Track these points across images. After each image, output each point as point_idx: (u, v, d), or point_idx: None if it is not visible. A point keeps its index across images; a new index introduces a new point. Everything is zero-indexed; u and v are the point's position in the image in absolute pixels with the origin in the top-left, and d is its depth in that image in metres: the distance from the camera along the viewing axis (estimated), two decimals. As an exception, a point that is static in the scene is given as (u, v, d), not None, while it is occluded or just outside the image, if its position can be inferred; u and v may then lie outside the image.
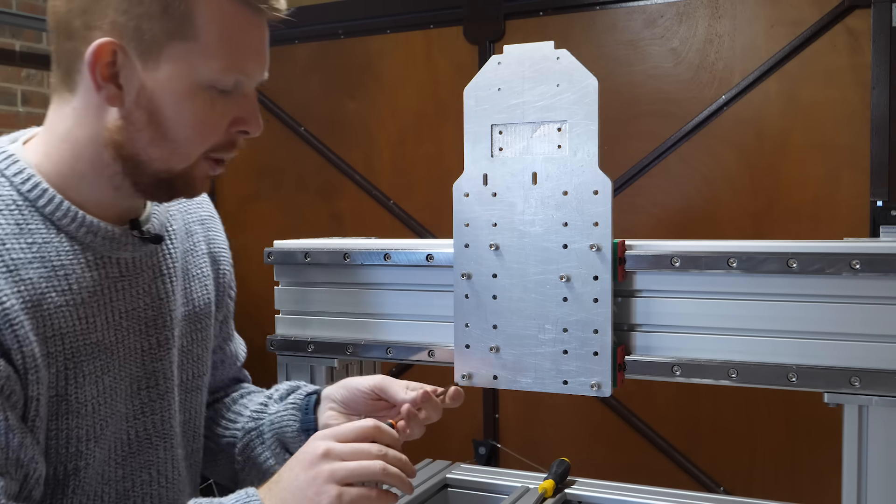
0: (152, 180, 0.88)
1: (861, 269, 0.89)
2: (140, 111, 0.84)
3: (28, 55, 3.39)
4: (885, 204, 2.50)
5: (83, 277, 0.87)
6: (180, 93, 0.83)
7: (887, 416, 0.89)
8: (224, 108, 0.86)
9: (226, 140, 0.89)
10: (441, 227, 3.09)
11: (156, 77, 0.82)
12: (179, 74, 0.82)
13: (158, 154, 0.86)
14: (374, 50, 3.22)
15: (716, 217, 2.74)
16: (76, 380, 0.86)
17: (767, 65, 2.64)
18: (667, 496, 1.59)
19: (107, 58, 0.81)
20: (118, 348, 0.92)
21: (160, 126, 0.84)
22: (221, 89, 0.85)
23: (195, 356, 1.05)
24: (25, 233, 0.84)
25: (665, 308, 0.99)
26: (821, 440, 2.60)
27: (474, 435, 3.09)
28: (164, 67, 0.82)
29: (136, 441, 0.95)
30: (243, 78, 0.86)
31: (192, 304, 1.04)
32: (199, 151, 0.87)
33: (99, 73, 0.81)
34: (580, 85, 0.99)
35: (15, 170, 0.86)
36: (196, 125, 0.85)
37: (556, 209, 1.01)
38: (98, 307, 0.89)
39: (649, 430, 2.85)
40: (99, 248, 0.89)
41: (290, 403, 1.07)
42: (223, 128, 0.87)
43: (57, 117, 0.88)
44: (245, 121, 0.88)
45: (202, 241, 1.08)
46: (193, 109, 0.84)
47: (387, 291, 1.14)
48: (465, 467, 1.79)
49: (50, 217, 0.86)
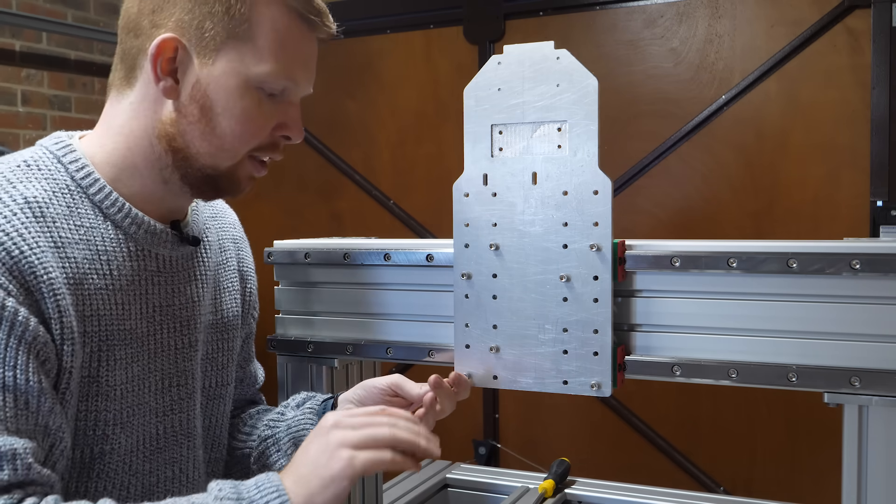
0: (200, 175, 0.93)
1: (861, 269, 0.88)
2: (193, 105, 0.89)
3: (28, 55, 3.39)
4: (885, 204, 2.50)
5: (123, 265, 0.92)
6: (232, 89, 0.89)
7: (887, 416, 0.89)
8: (270, 111, 0.92)
9: (269, 142, 0.94)
10: (441, 227, 3.09)
11: (211, 73, 0.89)
12: (233, 72, 0.89)
13: (207, 148, 0.91)
14: (374, 50, 3.22)
15: (716, 217, 2.74)
16: (108, 363, 0.90)
17: (767, 65, 2.64)
18: (667, 496, 1.59)
19: (168, 53, 0.87)
20: (150, 340, 0.95)
21: (210, 120, 0.90)
22: (269, 92, 0.91)
23: (220, 364, 1.08)
24: (75, 216, 0.89)
25: (665, 308, 0.99)
26: (821, 440, 2.60)
27: (474, 435, 3.09)
28: (219, 64, 0.89)
29: (163, 437, 0.98)
30: (291, 85, 0.93)
31: (220, 313, 1.08)
32: (244, 149, 0.93)
33: (160, 67, 0.88)
34: (580, 85, 0.99)
35: (71, 158, 0.92)
36: (243, 121, 0.90)
37: (556, 209, 1.01)
38: (134, 296, 0.93)
39: (649, 430, 2.85)
40: (141, 240, 0.94)
41: (307, 408, 1.09)
42: (268, 129, 0.93)
43: (114, 112, 0.94)
44: (288, 126, 0.94)
45: (233, 257, 1.13)
46: (242, 106, 0.90)
47: (387, 291, 1.14)
48: (465, 467, 1.79)
49: (99, 205, 0.91)
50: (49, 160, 0.92)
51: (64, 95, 3.55)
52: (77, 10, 3.61)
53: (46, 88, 3.47)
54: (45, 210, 0.87)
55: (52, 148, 0.93)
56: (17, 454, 0.74)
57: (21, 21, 3.26)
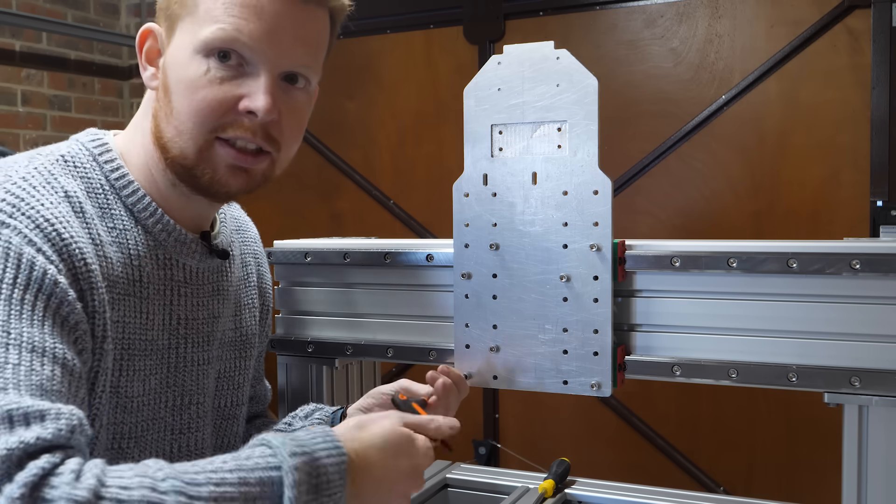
0: (179, 168, 0.88)
1: (861, 269, 0.88)
2: (161, 88, 0.88)
3: (28, 55, 3.39)
4: (885, 204, 2.50)
5: (152, 274, 0.89)
6: (181, 61, 0.86)
7: (887, 416, 0.89)
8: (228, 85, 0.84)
9: (232, 119, 0.85)
10: (441, 227, 3.09)
11: (170, 52, 0.87)
12: (182, 45, 0.86)
13: (171, 132, 0.86)
14: (374, 50, 3.22)
15: (716, 217, 2.74)
16: (128, 373, 0.87)
17: (767, 65, 2.64)
18: (667, 496, 1.59)
19: (148, 41, 0.88)
20: (171, 354, 0.92)
21: (170, 100, 0.86)
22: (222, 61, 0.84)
23: (236, 383, 1.05)
24: (107, 217, 0.87)
25: (665, 308, 0.99)
26: (821, 440, 2.59)
27: (474, 435, 3.09)
28: (175, 40, 0.87)
29: (177, 456, 0.94)
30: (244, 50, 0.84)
31: (241, 330, 1.04)
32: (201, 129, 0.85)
33: (145, 57, 0.89)
34: (580, 85, 0.99)
35: (107, 157, 0.90)
36: (191, 91, 0.84)
37: (556, 209, 1.01)
38: (159, 307, 0.90)
39: (649, 430, 2.85)
40: (170, 248, 0.91)
41: (315, 419, 1.07)
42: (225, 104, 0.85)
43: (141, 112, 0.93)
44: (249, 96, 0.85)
45: (254, 273, 1.10)
46: (187, 76, 0.85)
47: (387, 291, 1.14)
48: (465, 467, 1.79)
49: (132, 208, 0.89)
50: (85, 157, 0.89)
51: (64, 95, 3.55)
52: (77, 10, 3.60)
53: (46, 88, 3.47)
54: (84, 207, 0.84)
55: (88, 145, 0.90)
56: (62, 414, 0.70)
57: (21, 21, 3.26)
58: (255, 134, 0.86)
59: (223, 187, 0.89)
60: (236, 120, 0.85)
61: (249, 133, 0.86)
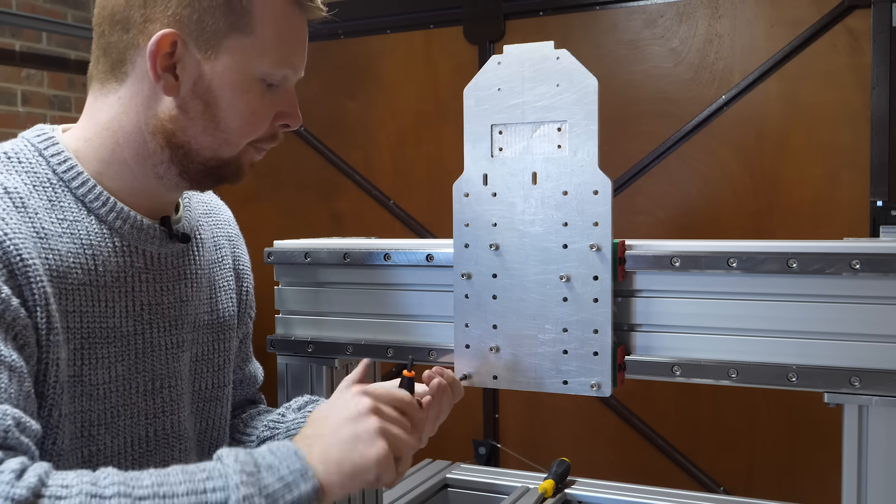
0: (201, 168, 0.92)
1: (861, 269, 0.88)
2: (196, 101, 0.88)
3: (28, 55, 3.39)
4: (885, 204, 2.50)
5: (109, 261, 0.89)
6: (237, 84, 0.88)
7: (887, 416, 0.89)
8: (271, 101, 0.92)
9: (269, 132, 0.94)
10: (441, 227, 3.09)
11: (214, 68, 0.87)
12: (236, 66, 0.87)
13: (209, 143, 0.90)
14: (374, 50, 3.22)
15: (716, 217, 2.74)
16: (90, 361, 0.87)
17: (767, 65, 2.64)
18: (667, 496, 1.59)
19: (167, 48, 0.85)
20: (137, 340, 0.93)
21: (214, 116, 0.88)
22: (270, 83, 0.91)
23: (216, 366, 1.06)
24: (57, 209, 0.87)
25: (665, 308, 0.99)
26: (821, 440, 2.60)
27: (474, 435, 3.09)
28: (222, 59, 0.87)
29: (153, 440, 0.96)
30: (290, 73, 0.92)
31: (217, 313, 1.05)
32: (247, 141, 0.92)
33: (159, 64, 0.85)
34: (580, 85, 0.99)
35: (53, 151, 0.89)
36: (248, 116, 0.90)
37: (556, 209, 1.01)
38: (119, 294, 0.90)
39: (649, 430, 2.85)
40: (127, 235, 0.91)
41: (308, 412, 1.08)
42: (269, 120, 0.93)
43: (98, 106, 0.91)
44: (287, 115, 0.94)
45: (228, 255, 1.10)
46: (247, 100, 0.89)
47: (387, 291, 1.14)
48: (465, 467, 1.79)
49: (82, 199, 0.89)
50: (30, 153, 0.89)
51: (64, 95, 3.55)
52: (77, 10, 3.60)
53: (46, 88, 3.47)
54: (26, 202, 0.84)
55: (33, 140, 0.90)
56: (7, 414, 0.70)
57: (21, 21, 3.26)
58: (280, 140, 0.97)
59: (237, 181, 0.95)
60: (273, 132, 0.95)
61: (277, 141, 0.97)
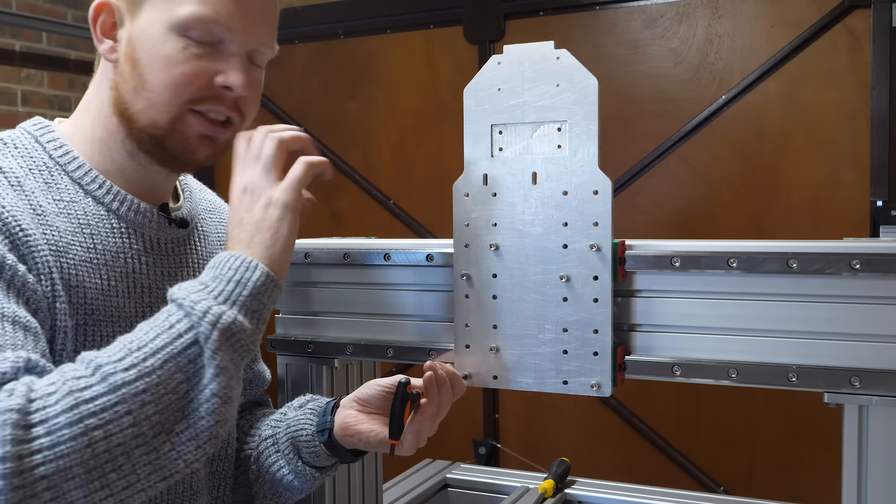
0: (146, 137, 0.90)
1: (861, 269, 0.88)
2: (126, 62, 0.89)
3: (28, 55, 3.39)
4: (885, 204, 2.50)
5: (108, 241, 0.90)
6: (154, 38, 0.87)
7: (887, 416, 0.89)
8: (205, 61, 0.89)
9: (209, 94, 0.90)
10: (441, 227, 3.09)
11: (137, 25, 0.88)
12: (154, 20, 0.87)
13: (142, 104, 0.89)
14: (374, 50, 3.22)
15: (716, 217, 2.74)
16: (94, 338, 0.87)
17: (767, 65, 2.64)
18: (667, 496, 1.59)
19: (102, 15, 0.89)
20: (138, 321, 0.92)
21: (140, 74, 0.88)
22: (197, 39, 0.88)
23: None
24: (53, 190, 0.88)
25: (665, 308, 0.99)
26: (821, 440, 2.60)
27: (474, 435, 3.09)
28: (143, 14, 0.88)
29: None
30: (223, 31, 0.89)
31: None
32: (177, 100, 0.89)
33: (99, 31, 0.89)
34: (580, 85, 0.99)
35: (49, 138, 0.92)
36: (167, 68, 0.87)
37: (556, 209, 1.01)
38: (121, 274, 0.91)
39: (649, 430, 2.85)
40: (124, 216, 0.92)
41: (308, 409, 1.08)
42: (202, 79, 0.89)
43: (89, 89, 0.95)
44: (225, 73, 0.90)
45: None
46: (164, 52, 0.87)
47: (387, 291, 1.14)
48: (465, 467, 1.79)
49: (79, 181, 0.90)
50: (26, 139, 0.91)
51: (64, 95, 3.55)
52: (77, 10, 3.61)
53: (46, 88, 3.47)
54: (22, 181, 0.86)
55: (30, 129, 0.93)
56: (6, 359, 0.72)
57: (21, 21, 3.26)
58: (227, 107, 0.91)
59: (191, 156, 0.92)
60: (212, 94, 0.90)
61: (223, 106, 0.91)
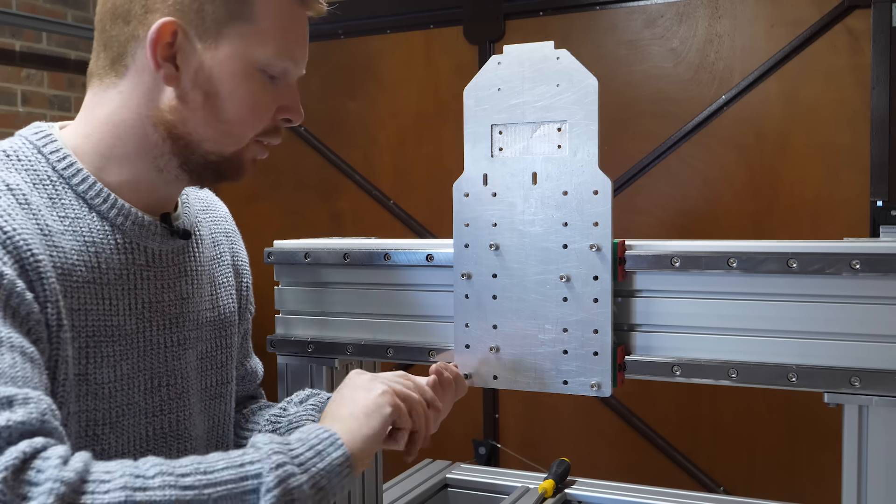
0: (202, 161, 0.91)
1: (861, 269, 0.89)
2: (196, 91, 0.87)
3: (28, 55, 3.39)
4: (885, 204, 2.50)
5: (111, 259, 0.89)
6: (237, 73, 0.87)
7: (887, 416, 0.89)
8: (273, 94, 0.91)
9: (272, 126, 0.93)
10: (441, 227, 3.09)
11: (214, 57, 0.87)
12: (236, 55, 0.87)
13: (211, 134, 0.89)
14: (374, 50, 3.22)
15: (716, 217, 2.74)
16: (95, 360, 0.87)
17: (767, 65, 2.64)
18: (667, 496, 1.59)
19: (167, 38, 0.84)
20: (139, 338, 0.92)
21: (215, 106, 0.88)
22: (271, 75, 0.90)
23: (219, 363, 1.06)
24: (58, 206, 0.87)
25: (665, 308, 0.99)
26: (821, 440, 2.60)
27: (474, 435, 3.09)
28: (222, 48, 0.87)
29: (153, 439, 0.95)
30: (291, 66, 0.92)
31: (218, 310, 1.05)
32: (250, 134, 0.91)
33: (159, 53, 0.85)
34: (580, 85, 0.99)
35: (52, 148, 0.89)
36: (249, 106, 0.89)
37: (556, 209, 1.01)
38: (122, 291, 0.90)
39: (649, 430, 2.85)
40: (128, 232, 0.91)
41: (309, 405, 1.07)
42: (271, 113, 0.92)
43: (97, 101, 0.91)
44: (290, 109, 0.93)
45: (227, 252, 1.10)
46: (248, 90, 0.88)
47: (387, 291, 1.14)
48: (465, 467, 1.79)
49: (83, 195, 0.88)
50: (29, 150, 0.89)
51: (64, 95, 3.55)
52: (77, 10, 3.61)
53: (46, 88, 3.47)
54: (29, 199, 0.84)
55: (31, 138, 0.90)
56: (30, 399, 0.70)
57: (21, 21, 3.26)
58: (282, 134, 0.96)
59: (240, 177, 0.95)
60: (274, 125, 0.94)
61: (281, 136, 0.96)
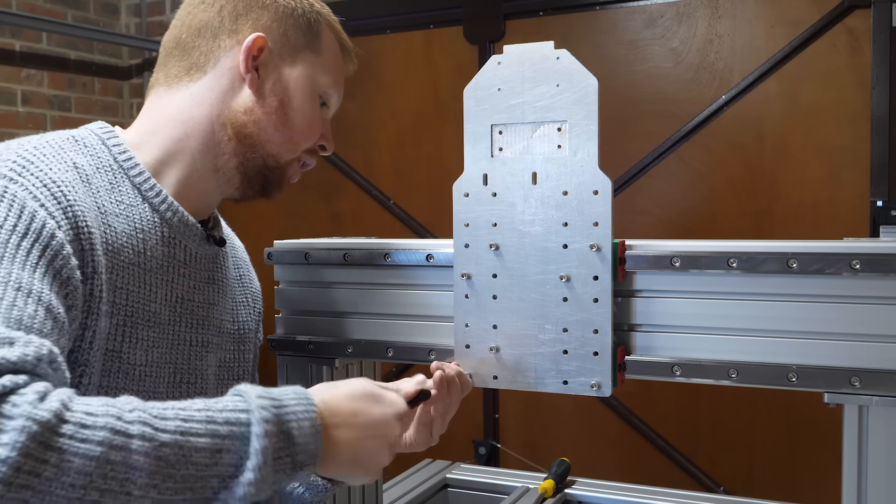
0: (260, 163, 1.00)
1: (861, 269, 0.88)
2: (273, 97, 1.00)
3: (28, 55, 3.39)
4: (885, 204, 2.50)
5: (156, 248, 0.95)
6: (306, 91, 1.02)
7: (887, 416, 0.89)
8: (321, 118, 1.04)
9: (313, 148, 1.05)
10: (441, 227, 3.09)
11: (290, 73, 1.01)
12: (307, 76, 1.02)
13: (277, 138, 1.00)
14: (374, 50, 3.22)
15: (716, 217, 2.74)
16: (131, 340, 0.91)
17: (767, 65, 2.64)
18: (667, 496, 1.59)
19: (255, 51, 0.99)
20: (170, 329, 0.96)
21: (286, 114, 1.00)
22: (323, 101, 1.04)
23: (237, 374, 1.09)
24: (116, 191, 0.93)
25: (665, 308, 0.99)
26: (821, 440, 2.60)
27: (474, 435, 3.09)
28: (298, 68, 1.01)
29: None
30: (336, 99, 1.07)
31: (238, 324, 1.09)
32: (305, 145, 1.03)
33: (251, 61, 0.99)
34: (580, 85, 0.99)
35: (114, 142, 0.97)
36: (310, 121, 1.02)
37: (556, 209, 1.01)
38: (162, 281, 0.95)
39: (649, 430, 2.85)
40: (174, 227, 0.97)
41: None
42: (318, 134, 1.04)
43: (165, 101, 1.01)
44: (326, 137, 1.06)
45: (245, 277, 1.15)
46: (311, 106, 1.02)
47: (387, 291, 1.14)
48: (465, 467, 1.79)
49: (139, 187, 0.95)
50: (94, 140, 0.96)
51: (64, 95, 3.55)
52: (77, 10, 3.61)
53: (46, 88, 3.47)
54: (91, 179, 0.91)
55: (97, 131, 0.98)
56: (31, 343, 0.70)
57: (21, 21, 3.26)
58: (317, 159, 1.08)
59: (276, 192, 1.05)
60: (313, 148, 1.05)
61: (317, 159, 1.07)
